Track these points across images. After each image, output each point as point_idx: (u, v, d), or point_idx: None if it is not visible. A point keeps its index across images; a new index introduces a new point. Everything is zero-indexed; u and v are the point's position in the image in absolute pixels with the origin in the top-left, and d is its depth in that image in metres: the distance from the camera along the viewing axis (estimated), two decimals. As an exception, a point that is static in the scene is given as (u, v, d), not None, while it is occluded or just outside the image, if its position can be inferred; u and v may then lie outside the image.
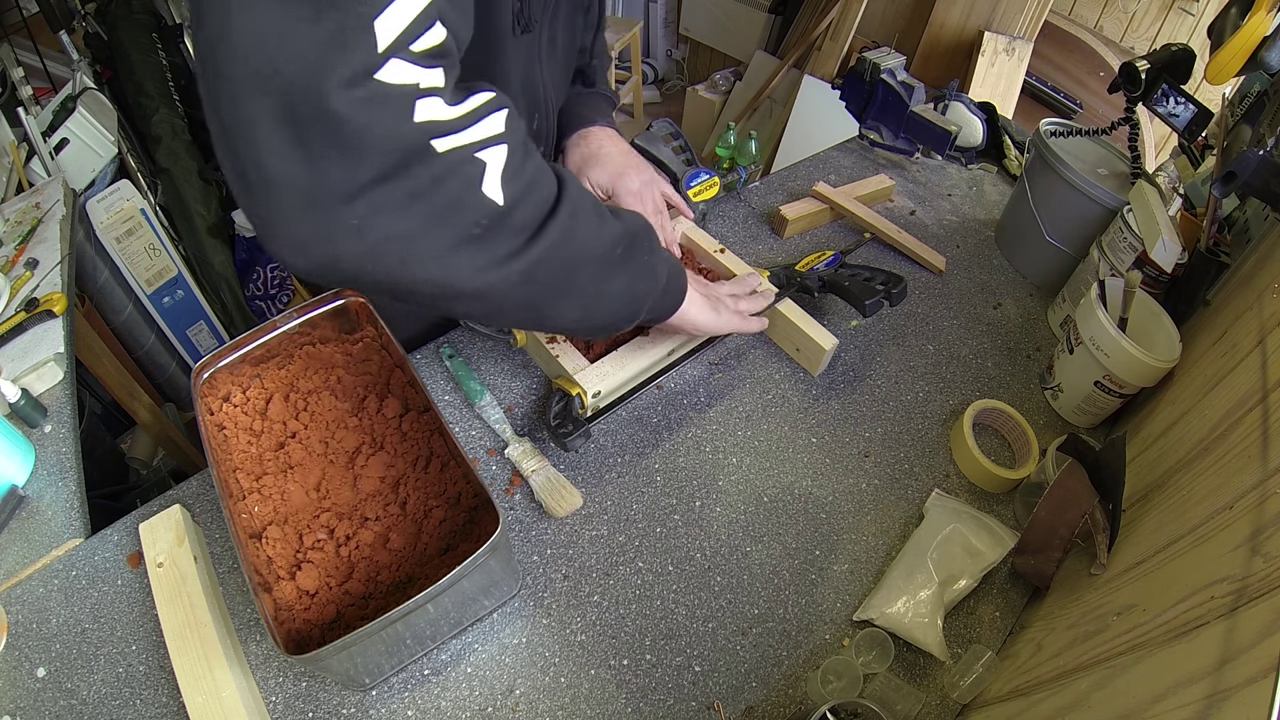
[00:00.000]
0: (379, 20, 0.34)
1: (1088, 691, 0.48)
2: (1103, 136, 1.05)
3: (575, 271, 0.48)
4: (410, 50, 0.35)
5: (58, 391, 0.86)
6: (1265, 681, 0.31)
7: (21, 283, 1.00)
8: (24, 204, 1.20)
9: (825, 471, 0.81)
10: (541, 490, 0.74)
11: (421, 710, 0.62)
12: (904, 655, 0.68)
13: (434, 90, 0.36)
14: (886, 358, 0.94)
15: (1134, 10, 2.29)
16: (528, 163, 0.43)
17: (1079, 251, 1.00)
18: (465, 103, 0.39)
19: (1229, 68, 0.76)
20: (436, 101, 0.36)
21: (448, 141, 0.37)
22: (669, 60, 3.83)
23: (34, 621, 0.66)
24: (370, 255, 0.37)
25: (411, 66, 0.35)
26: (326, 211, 0.35)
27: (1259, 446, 0.50)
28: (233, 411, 0.72)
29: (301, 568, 0.62)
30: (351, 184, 0.35)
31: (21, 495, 0.74)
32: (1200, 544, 0.49)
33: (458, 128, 0.38)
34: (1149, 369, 0.77)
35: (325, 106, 0.33)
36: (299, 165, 0.34)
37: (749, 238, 1.10)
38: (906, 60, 1.28)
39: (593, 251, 0.49)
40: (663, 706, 0.63)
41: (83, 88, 1.73)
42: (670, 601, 0.69)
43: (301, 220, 0.35)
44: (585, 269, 0.49)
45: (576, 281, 0.49)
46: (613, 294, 0.54)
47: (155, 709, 0.61)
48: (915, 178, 1.28)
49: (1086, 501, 0.67)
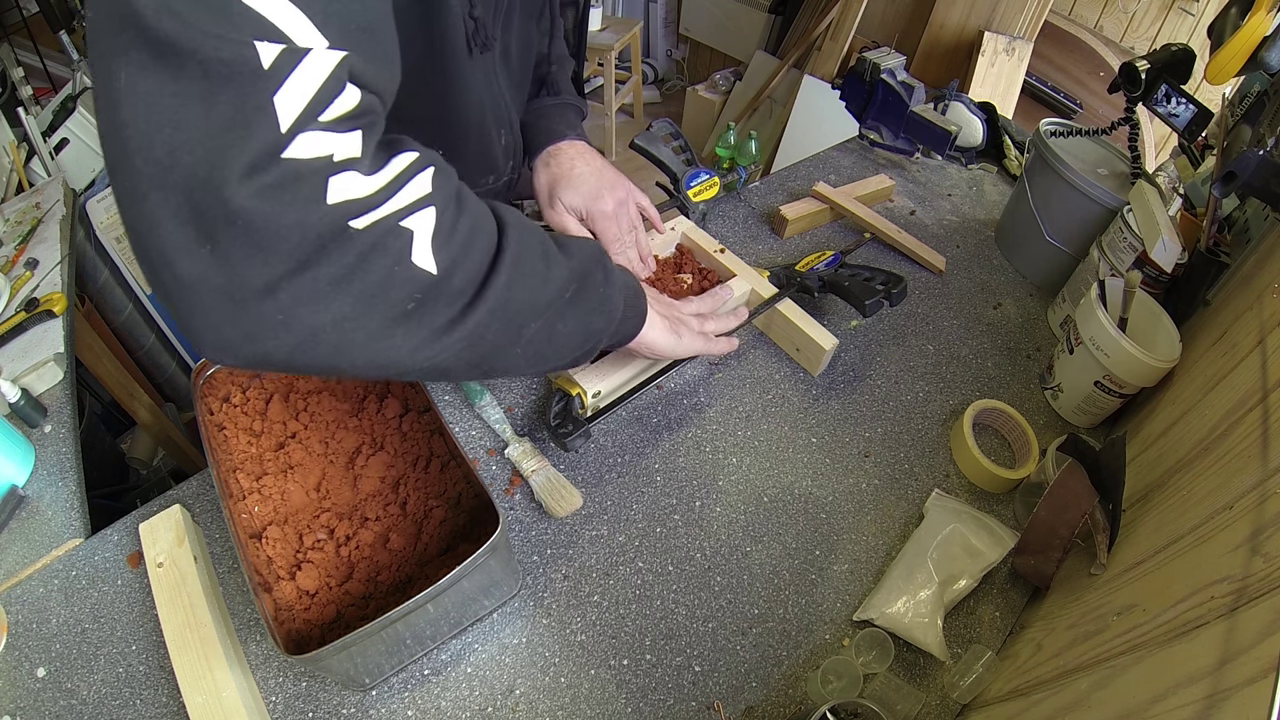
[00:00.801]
0: (279, 95, 0.31)
1: (1088, 691, 0.48)
2: (1103, 136, 1.05)
3: (523, 325, 0.45)
4: (320, 120, 0.32)
5: (58, 391, 0.86)
6: (1265, 681, 0.31)
7: (21, 283, 1.00)
8: (24, 204, 1.20)
9: (825, 471, 0.81)
10: (541, 490, 0.74)
11: (421, 710, 0.62)
12: (904, 655, 0.68)
13: (349, 162, 0.34)
14: (886, 358, 0.94)
15: (1134, 10, 2.29)
16: (461, 218, 0.39)
17: (1079, 251, 1.00)
18: (386, 169, 0.36)
19: (1229, 68, 0.76)
20: (352, 175, 0.34)
21: (368, 218, 0.34)
22: (669, 60, 3.83)
23: (34, 621, 0.66)
24: (301, 348, 0.35)
25: (324, 136, 0.32)
26: (246, 309, 0.32)
27: (1259, 446, 0.50)
28: (233, 412, 0.72)
29: (301, 568, 0.62)
30: (267, 278, 0.32)
31: (21, 495, 0.74)
32: (1200, 544, 0.49)
33: (379, 200, 0.34)
34: (1149, 369, 0.77)
35: (227, 200, 0.30)
36: (209, 264, 0.31)
37: (749, 238, 1.10)
38: (906, 60, 1.28)
39: (540, 299, 0.46)
40: (663, 706, 0.63)
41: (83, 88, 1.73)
42: (670, 601, 0.69)
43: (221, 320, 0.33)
44: (533, 320, 0.46)
45: (524, 334, 0.45)
46: (566, 334, 0.50)
47: (155, 709, 0.61)
48: (915, 178, 1.28)
49: (1086, 501, 0.67)
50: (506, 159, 0.85)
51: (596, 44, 2.91)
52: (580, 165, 0.81)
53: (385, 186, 0.35)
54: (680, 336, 0.69)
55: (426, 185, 0.37)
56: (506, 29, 0.71)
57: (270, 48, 0.31)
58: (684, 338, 0.70)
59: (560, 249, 0.50)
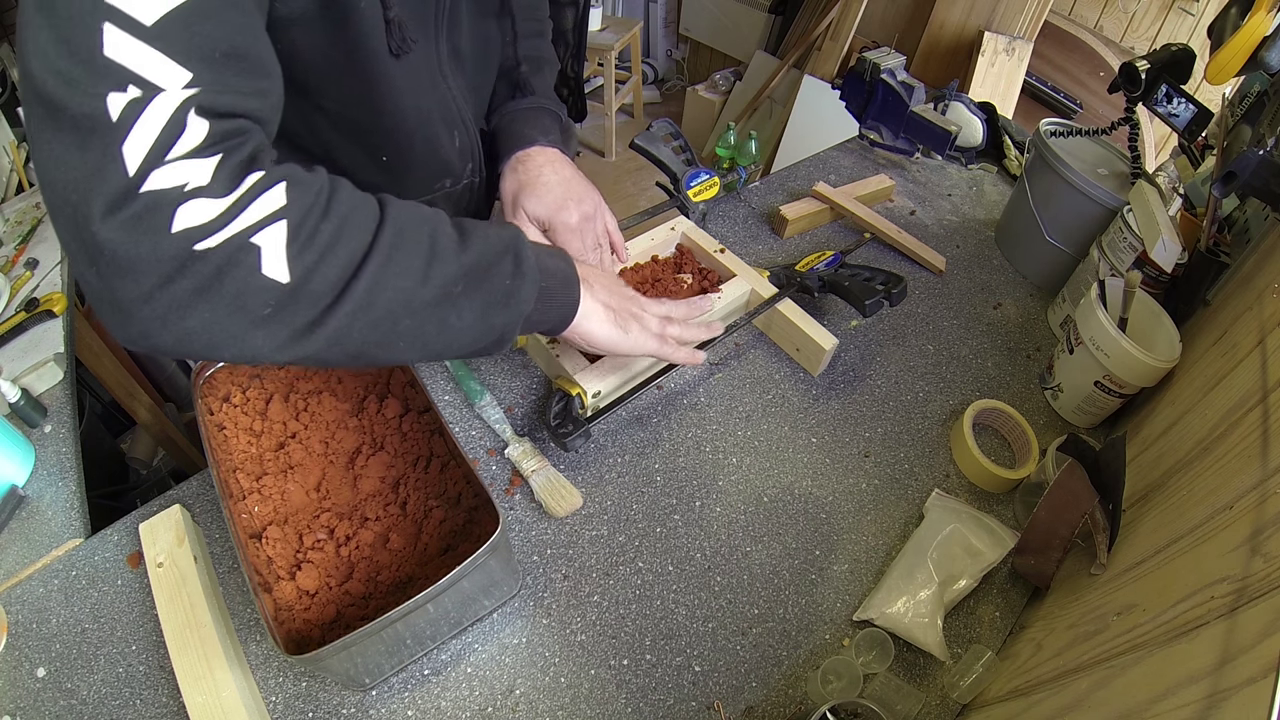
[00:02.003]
0: (125, 144, 0.36)
1: (1088, 691, 0.48)
2: (1103, 136, 1.05)
3: (395, 323, 0.46)
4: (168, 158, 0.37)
5: (58, 391, 0.86)
6: (1265, 681, 0.31)
7: (21, 283, 1.00)
8: (24, 204, 1.20)
9: (825, 471, 0.81)
10: (541, 490, 0.74)
11: (421, 710, 0.62)
12: (904, 655, 0.68)
13: (198, 190, 0.38)
14: (886, 358, 0.94)
15: (1134, 10, 2.29)
16: (324, 225, 0.42)
17: (1079, 251, 1.00)
18: (236, 190, 0.39)
19: (1229, 68, 0.76)
20: (199, 203, 0.38)
21: (215, 239, 0.38)
22: (669, 60, 3.83)
23: (34, 621, 0.66)
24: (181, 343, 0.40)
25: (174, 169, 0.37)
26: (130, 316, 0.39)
27: (1259, 446, 0.50)
28: (233, 412, 0.72)
29: (301, 568, 0.62)
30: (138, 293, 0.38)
31: (21, 495, 0.74)
32: (1200, 544, 0.49)
33: (224, 222, 0.39)
34: (1149, 369, 0.77)
35: (94, 235, 0.36)
36: (97, 281, 0.38)
37: (749, 238, 1.10)
38: (906, 60, 1.28)
39: (417, 298, 0.47)
40: (663, 706, 0.63)
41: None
42: (670, 601, 0.69)
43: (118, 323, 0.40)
44: (407, 317, 0.47)
45: (399, 330, 0.47)
46: (462, 328, 0.50)
47: (155, 709, 0.61)
48: (915, 178, 1.28)
49: (1086, 501, 0.67)
50: (464, 161, 0.82)
51: (596, 44, 2.91)
52: (549, 173, 0.78)
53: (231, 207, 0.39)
54: (627, 332, 0.65)
55: (279, 199, 0.41)
56: (454, 28, 0.69)
57: (119, 99, 0.36)
58: (632, 334, 0.66)
59: (460, 242, 0.50)
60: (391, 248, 0.45)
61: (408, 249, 0.46)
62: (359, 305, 0.43)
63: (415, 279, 0.46)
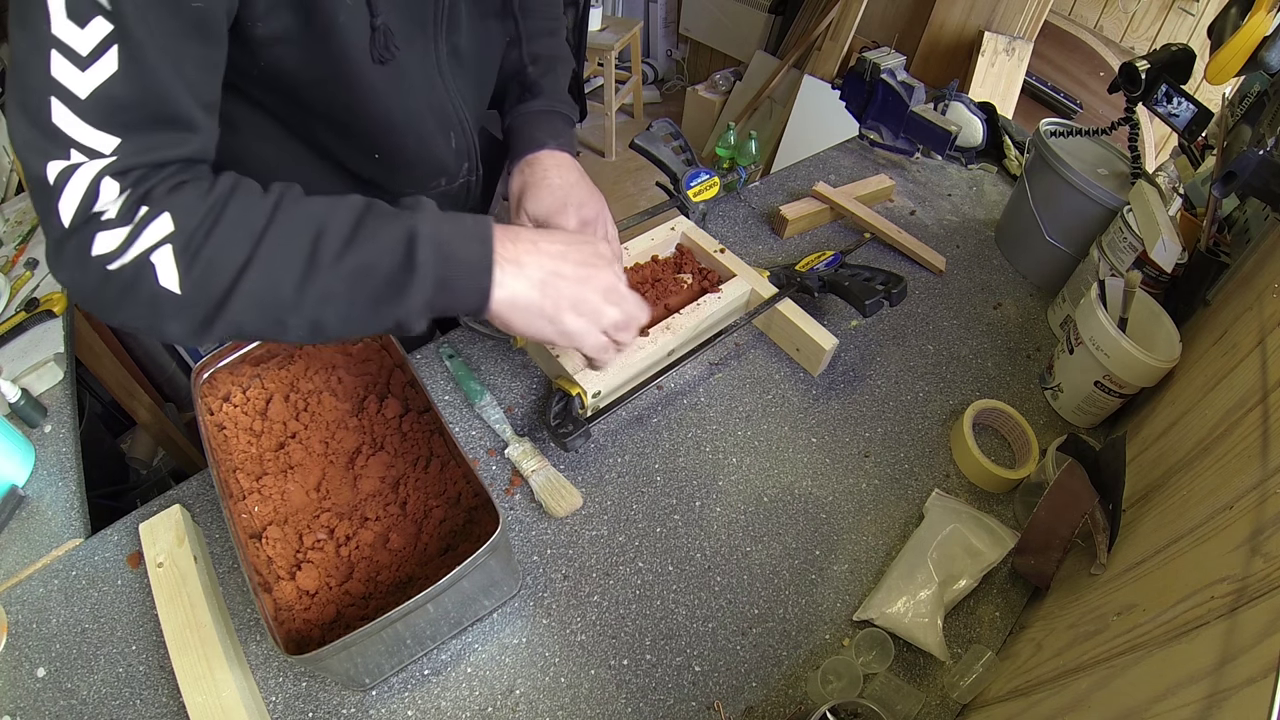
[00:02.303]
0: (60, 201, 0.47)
1: (1088, 691, 0.48)
2: (1103, 136, 1.05)
3: (280, 319, 0.53)
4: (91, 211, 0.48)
5: (58, 391, 0.86)
6: (1265, 681, 0.31)
7: (21, 283, 1.00)
8: (24, 204, 1.20)
9: (825, 471, 0.81)
10: (541, 490, 0.74)
11: (421, 710, 0.62)
12: (904, 655, 0.68)
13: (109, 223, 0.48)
14: (886, 358, 0.94)
15: (1134, 10, 2.29)
16: (208, 242, 0.50)
17: (1079, 251, 1.00)
18: (132, 220, 0.48)
19: (1229, 68, 0.76)
20: (108, 233, 0.48)
21: (122, 260, 0.49)
22: (669, 60, 3.83)
23: (34, 621, 0.66)
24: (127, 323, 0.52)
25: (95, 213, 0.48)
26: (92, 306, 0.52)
27: (1259, 446, 0.50)
28: (233, 411, 0.72)
29: (301, 568, 0.62)
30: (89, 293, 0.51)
31: (21, 495, 0.74)
32: (1200, 544, 0.49)
33: (124, 248, 0.48)
34: (1149, 369, 0.77)
35: (56, 263, 0.50)
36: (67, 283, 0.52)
37: (749, 238, 1.10)
38: (906, 60, 1.28)
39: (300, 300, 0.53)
40: (663, 706, 0.63)
41: (83, 88, 1.72)
42: (670, 601, 0.69)
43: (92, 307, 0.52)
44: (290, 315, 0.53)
45: (288, 325, 0.53)
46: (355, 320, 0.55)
47: (155, 709, 0.61)
48: (915, 178, 1.28)
49: (1086, 501, 0.67)
50: (460, 161, 0.82)
51: (596, 44, 2.91)
52: (554, 176, 0.77)
53: (128, 236, 0.49)
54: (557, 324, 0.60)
55: (166, 227, 0.49)
56: (453, 28, 0.70)
57: (56, 166, 0.46)
58: (566, 327, 0.60)
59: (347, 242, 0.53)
60: (269, 259, 0.51)
61: (284, 258, 0.52)
62: (244, 305, 0.51)
63: (291, 286, 0.52)
